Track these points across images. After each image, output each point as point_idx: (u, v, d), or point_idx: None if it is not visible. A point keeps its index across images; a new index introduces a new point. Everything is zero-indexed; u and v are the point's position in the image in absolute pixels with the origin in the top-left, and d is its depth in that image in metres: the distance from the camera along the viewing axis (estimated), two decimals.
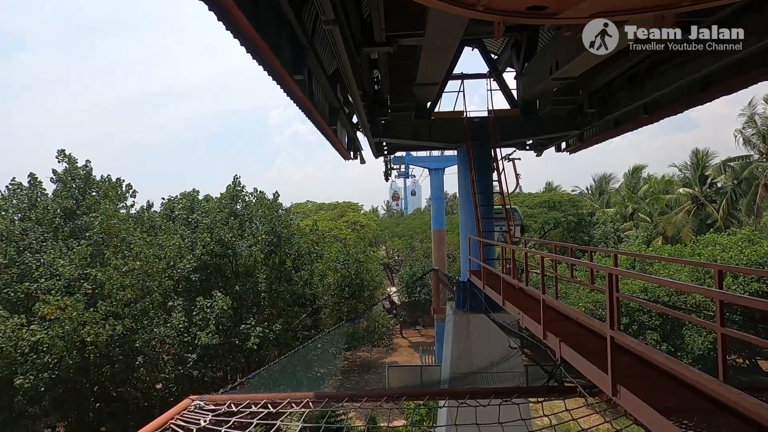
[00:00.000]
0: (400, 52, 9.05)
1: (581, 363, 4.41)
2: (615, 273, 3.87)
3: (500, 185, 11.01)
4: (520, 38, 11.88)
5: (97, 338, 11.46)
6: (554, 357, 5.54)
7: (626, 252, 23.99)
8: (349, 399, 5.17)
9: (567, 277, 10.14)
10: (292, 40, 6.78)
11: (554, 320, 6.20)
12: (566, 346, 4.81)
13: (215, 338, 13.28)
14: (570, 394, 5.35)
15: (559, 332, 5.58)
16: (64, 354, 11.28)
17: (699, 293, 15.76)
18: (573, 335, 5.71)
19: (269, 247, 16.98)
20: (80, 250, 13.02)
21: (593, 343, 5.51)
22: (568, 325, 6.42)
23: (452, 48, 7.48)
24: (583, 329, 6.19)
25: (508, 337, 9.29)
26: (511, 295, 8.10)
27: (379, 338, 27.13)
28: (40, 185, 15.43)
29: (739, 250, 18.75)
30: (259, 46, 5.28)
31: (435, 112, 12.47)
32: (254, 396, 5.34)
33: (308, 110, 8.62)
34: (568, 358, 4.74)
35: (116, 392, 13.20)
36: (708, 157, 32.56)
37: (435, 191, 28.12)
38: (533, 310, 7.07)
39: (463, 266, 12.62)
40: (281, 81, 6.73)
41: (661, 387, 3.96)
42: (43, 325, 11.45)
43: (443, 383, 11.33)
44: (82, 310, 11.53)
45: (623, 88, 9.87)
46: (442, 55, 7.87)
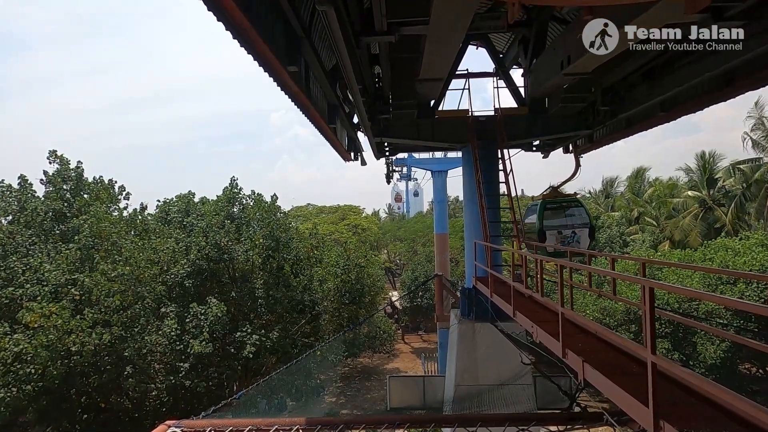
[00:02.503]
0: (402, 44, 8.53)
1: (610, 389, 3.84)
2: (652, 286, 3.29)
3: (507, 187, 10.44)
4: (527, 34, 11.39)
5: (83, 347, 10.90)
6: (575, 379, 4.98)
7: (632, 257, 23.33)
8: (344, 426, 4.60)
9: (582, 285, 9.53)
10: (286, 29, 6.26)
11: (571, 334, 5.64)
12: (591, 368, 4.24)
13: (209, 347, 12.71)
14: (596, 422, 4.76)
15: (579, 349, 5.02)
16: (49, 364, 10.74)
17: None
18: (594, 352, 5.14)
19: (267, 251, 16.43)
20: (68, 254, 12.50)
21: (617, 360, 4.95)
22: (587, 340, 5.85)
23: (458, 39, 6.96)
24: (603, 343, 5.62)
25: (520, 352, 8.68)
26: (522, 304, 7.53)
27: (380, 344, 26.55)
28: (30, 187, 14.93)
29: (753, 255, 18.08)
30: (248, 31, 4.75)
31: (438, 110, 11.96)
32: (237, 422, 4.78)
33: (305, 107, 8.09)
34: (592, 380, 4.17)
35: (105, 403, 12.63)
36: (715, 159, 31.96)
37: (438, 194, 27.58)
38: (547, 322, 6.50)
39: (468, 272, 12.04)
40: (274, 72, 6.20)
41: (707, 419, 3.39)
42: (27, 333, 10.91)
43: (446, 404, 10.72)
44: (68, 318, 10.99)
45: (639, 84, 9.33)
46: (447, 47, 7.34)
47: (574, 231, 9.95)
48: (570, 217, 10.19)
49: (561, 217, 10.17)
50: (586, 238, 9.96)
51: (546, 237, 9.74)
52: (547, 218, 10.06)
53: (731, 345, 17.24)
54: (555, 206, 10.35)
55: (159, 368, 13.55)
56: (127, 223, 15.33)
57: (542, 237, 9.79)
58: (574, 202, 10.69)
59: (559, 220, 10.10)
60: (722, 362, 17.18)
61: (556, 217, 10.15)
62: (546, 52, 10.08)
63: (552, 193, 10.96)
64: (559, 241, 9.75)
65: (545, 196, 10.93)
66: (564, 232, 9.90)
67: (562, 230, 9.92)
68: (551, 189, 11.13)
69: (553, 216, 10.16)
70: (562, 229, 9.94)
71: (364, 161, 15.54)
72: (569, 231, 9.95)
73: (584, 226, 10.06)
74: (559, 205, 10.40)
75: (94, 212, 13.21)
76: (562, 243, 9.77)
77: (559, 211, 10.27)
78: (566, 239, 9.82)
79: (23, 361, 10.80)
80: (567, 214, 10.27)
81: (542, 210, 10.15)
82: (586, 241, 9.97)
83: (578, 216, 10.27)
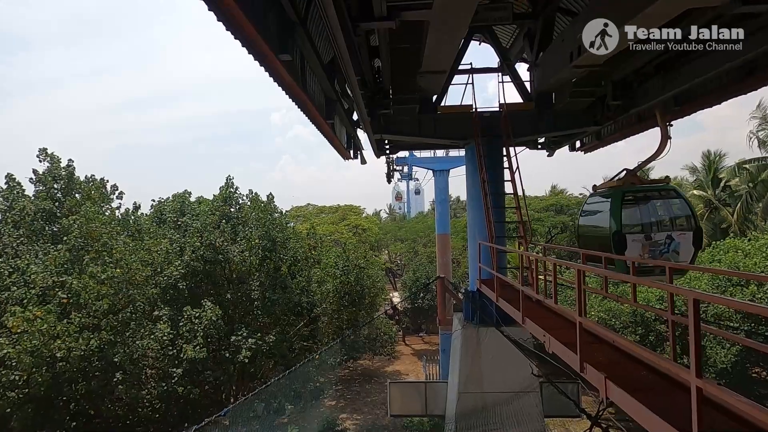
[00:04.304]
0: (403, 33, 8.10)
1: (641, 413, 3.37)
2: (697, 297, 2.82)
3: (513, 185, 9.97)
4: (533, 27, 10.96)
5: (70, 353, 10.43)
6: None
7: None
8: None
9: (595, 290, 8.99)
10: (280, 15, 5.80)
11: (586, 343, 5.17)
12: (616, 386, 3.76)
13: (203, 352, 12.24)
14: None
15: (599, 362, 4.56)
16: (34, 371, 10.27)
17: None
18: (614, 364, 4.68)
19: (263, 252, 15.97)
20: (57, 255, 12.03)
21: (640, 373, 4.49)
22: (604, 350, 5.38)
23: (463, 25, 6.50)
24: (621, 353, 5.16)
25: (530, 363, 8.17)
26: (530, 309, 7.06)
27: (381, 346, 26.07)
28: (19, 186, 14.46)
29: (764, 256, 17.59)
30: (232, 9, 4.28)
31: (441, 106, 11.50)
32: None
33: (300, 101, 7.61)
34: (619, 401, 3.70)
35: (95, 410, 12.16)
36: (721, 159, 31.47)
37: (439, 193, 27.08)
38: (558, 329, 6.04)
39: (472, 274, 11.56)
40: (265, 61, 5.74)
41: None
42: (11, 338, 10.44)
43: (449, 421, 10.18)
44: (54, 322, 10.51)
45: (653, 76, 8.86)
46: (451, 35, 6.89)
47: (670, 236, 6.88)
48: (662, 214, 7.28)
49: (649, 214, 7.30)
50: (689, 247, 6.80)
51: (626, 245, 6.86)
52: (628, 216, 7.16)
53: (742, 349, 16.75)
54: (639, 198, 7.36)
55: (151, 374, 13.07)
56: (119, 223, 14.84)
57: (619, 245, 6.94)
58: (667, 190, 7.40)
59: (646, 219, 7.24)
60: (733, 367, 16.68)
61: (641, 214, 7.29)
62: (553, 44, 9.64)
63: (630, 179, 7.65)
64: (647, 251, 6.75)
65: (620, 182, 7.69)
66: (655, 237, 6.98)
67: (651, 234, 7.05)
68: (626, 173, 7.84)
69: (636, 212, 7.29)
70: (653, 232, 7.11)
71: (364, 159, 15.09)
72: (663, 235, 6.95)
73: (686, 227, 6.98)
74: (644, 195, 7.40)
75: (84, 212, 12.73)
76: (651, 254, 6.81)
77: (646, 205, 7.33)
78: (658, 248, 6.78)
79: (7, 367, 10.34)
80: (658, 210, 7.32)
81: (618, 203, 7.18)
82: (690, 251, 6.83)
83: (676, 211, 7.24)
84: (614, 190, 7.57)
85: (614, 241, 6.99)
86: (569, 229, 33.28)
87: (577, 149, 14.09)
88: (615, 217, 7.14)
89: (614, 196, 7.43)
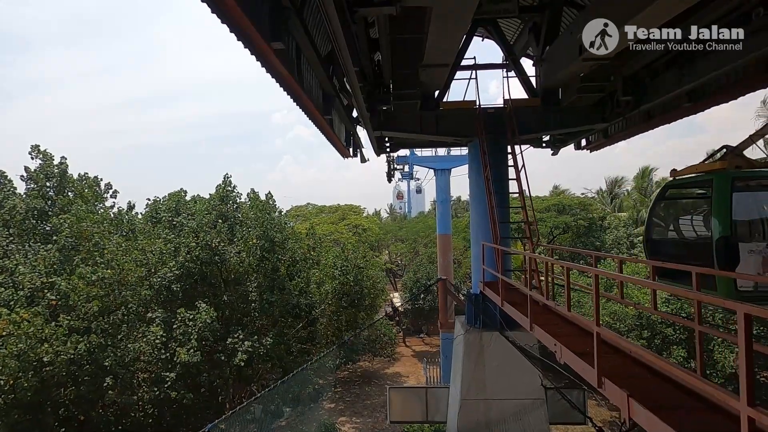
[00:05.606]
0: (404, 23, 7.71)
1: None
2: (749, 311, 2.42)
3: (519, 183, 9.57)
4: (539, 20, 10.55)
5: (57, 357, 10.04)
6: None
7: (643, 260, 22.38)
8: None
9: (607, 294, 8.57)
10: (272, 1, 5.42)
11: (601, 354, 4.78)
12: (641, 406, 3.36)
13: (196, 355, 11.85)
14: None
15: (617, 375, 4.17)
16: (20, 375, 9.89)
17: None
18: (634, 379, 4.29)
19: (261, 252, 15.58)
20: (46, 255, 11.65)
21: (665, 390, 4.09)
22: (621, 361, 4.98)
23: (468, 12, 6.12)
24: (641, 366, 4.76)
25: (539, 372, 7.77)
26: (537, 313, 6.67)
27: (380, 347, 25.68)
28: (10, 183, 14.09)
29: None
30: None
31: (443, 101, 11.11)
32: None
33: (295, 94, 7.21)
34: (645, 424, 3.30)
35: (84, 416, 11.76)
36: None
37: (441, 193, 26.66)
38: (569, 337, 5.64)
39: (475, 276, 11.15)
40: (255, 49, 5.34)
41: None
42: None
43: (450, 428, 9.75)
44: (42, 325, 10.13)
45: (666, 70, 8.46)
46: (454, 24, 6.50)
47: None
48: None
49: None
50: None
51: (739, 256, 4.79)
52: (741, 213, 4.96)
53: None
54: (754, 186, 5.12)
55: (143, 378, 12.68)
56: (111, 222, 14.45)
57: (728, 255, 4.81)
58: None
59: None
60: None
61: (759, 210, 5.13)
62: (561, 37, 9.25)
63: (736, 160, 5.16)
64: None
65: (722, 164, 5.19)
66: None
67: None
68: (727, 152, 5.39)
69: (753, 208, 5.12)
70: None
71: (364, 158, 14.70)
72: None
73: None
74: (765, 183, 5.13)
75: (75, 211, 12.34)
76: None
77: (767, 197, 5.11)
78: None
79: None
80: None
81: (725, 194, 4.93)
82: None
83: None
84: (717, 174, 5.15)
85: (719, 249, 4.89)
86: (571, 230, 32.86)
87: (583, 147, 13.71)
88: (720, 215, 4.93)
89: (718, 184, 5.04)
